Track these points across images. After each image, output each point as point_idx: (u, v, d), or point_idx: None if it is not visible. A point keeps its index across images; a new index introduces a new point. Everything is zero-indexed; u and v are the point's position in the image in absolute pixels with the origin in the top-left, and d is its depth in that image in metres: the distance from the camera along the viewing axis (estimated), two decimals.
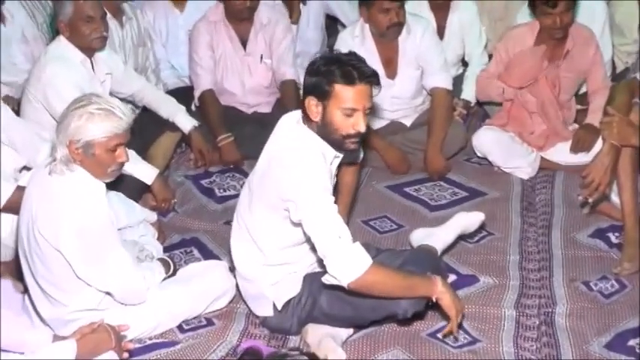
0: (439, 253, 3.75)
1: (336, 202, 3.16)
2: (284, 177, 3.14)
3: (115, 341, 2.98)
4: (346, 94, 3.11)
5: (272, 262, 3.36)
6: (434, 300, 3.21)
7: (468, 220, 3.93)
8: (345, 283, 3.04)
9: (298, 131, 3.23)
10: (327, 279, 3.10)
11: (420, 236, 3.85)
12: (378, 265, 3.12)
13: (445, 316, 3.31)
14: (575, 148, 4.81)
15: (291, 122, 3.30)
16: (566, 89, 4.85)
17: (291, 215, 3.14)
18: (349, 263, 3.03)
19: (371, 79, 3.14)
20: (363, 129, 3.17)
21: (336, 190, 3.35)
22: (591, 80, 4.89)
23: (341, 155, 3.32)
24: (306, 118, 3.20)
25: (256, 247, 3.36)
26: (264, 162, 3.30)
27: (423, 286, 3.21)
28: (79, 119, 3.07)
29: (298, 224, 3.15)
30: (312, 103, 3.14)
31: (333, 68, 3.11)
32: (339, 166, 3.43)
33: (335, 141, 3.20)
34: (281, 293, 3.39)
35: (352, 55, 3.22)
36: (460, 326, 3.37)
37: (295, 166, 3.13)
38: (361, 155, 3.70)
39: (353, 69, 3.11)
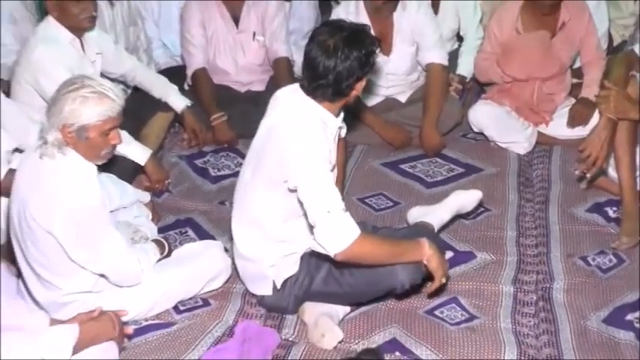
0: (435, 231, 3.76)
1: None
2: (284, 146, 3.17)
3: (118, 331, 3.00)
4: None
5: (274, 237, 3.37)
6: (424, 261, 3.25)
7: (465, 198, 3.95)
8: (332, 253, 3.07)
9: (300, 102, 3.24)
10: (314, 246, 3.13)
11: (417, 214, 3.87)
12: (365, 235, 3.14)
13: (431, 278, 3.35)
14: (572, 123, 4.82)
15: (289, 94, 3.31)
16: (562, 62, 4.86)
17: (289, 183, 3.17)
18: (337, 233, 3.06)
19: None
20: None
21: None
22: (585, 50, 4.89)
23: (343, 125, 3.37)
24: (337, 97, 3.22)
25: (258, 224, 3.37)
26: (264, 133, 3.31)
27: (412, 251, 3.25)
28: (73, 103, 3.06)
29: (294, 191, 3.17)
30: (363, 80, 3.23)
31: (373, 42, 3.20)
32: None
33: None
34: (280, 272, 3.41)
35: (352, 22, 3.27)
36: (444, 288, 3.48)
37: (296, 135, 3.16)
38: (345, 130, 3.70)
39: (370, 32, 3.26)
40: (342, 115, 3.35)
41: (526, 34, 4.77)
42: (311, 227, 3.15)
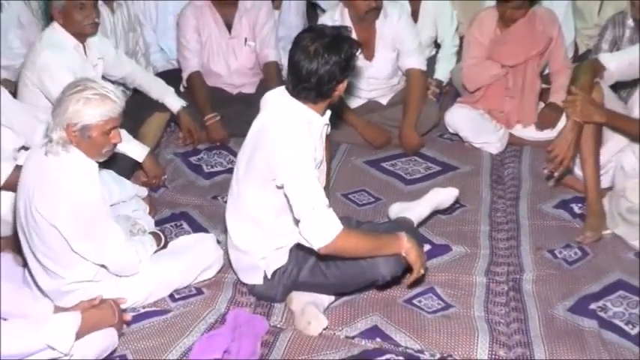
0: (415, 225, 3.77)
1: None
2: (273, 148, 3.16)
3: (117, 318, 3.00)
4: None
5: (267, 232, 3.36)
6: (403, 253, 3.25)
7: (442, 195, 3.95)
8: (316, 247, 3.08)
9: (286, 104, 3.24)
10: (300, 240, 3.14)
11: (398, 209, 3.87)
12: (347, 230, 3.14)
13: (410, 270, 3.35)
14: (541, 126, 4.84)
15: (277, 96, 3.30)
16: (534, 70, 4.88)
17: (277, 181, 3.17)
18: (321, 229, 3.06)
19: None
20: None
21: None
22: (553, 60, 4.90)
23: (328, 122, 3.35)
24: (319, 99, 3.22)
25: (252, 219, 3.36)
26: (255, 134, 3.30)
27: (391, 244, 3.25)
28: (77, 104, 3.05)
29: (282, 187, 3.17)
30: (344, 82, 3.22)
31: (353, 46, 3.18)
32: None
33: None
34: (270, 263, 3.41)
35: (333, 27, 3.25)
36: (423, 279, 3.48)
37: (283, 138, 3.15)
38: (329, 128, 3.69)
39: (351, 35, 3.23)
40: (328, 113, 3.34)
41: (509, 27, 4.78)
42: (297, 222, 3.15)
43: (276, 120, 3.22)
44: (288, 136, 3.15)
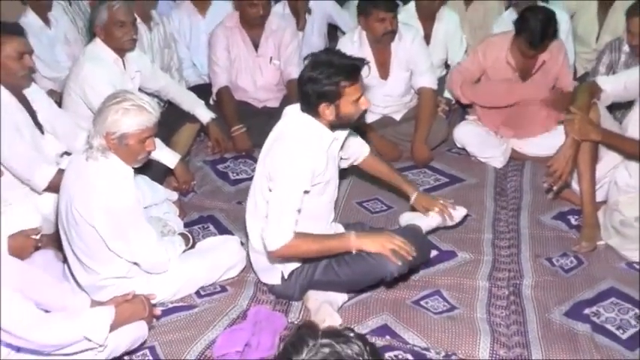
0: (424, 233, 3.74)
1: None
2: (277, 153, 3.18)
3: (148, 312, 3.01)
4: (353, 89, 3.15)
5: None
6: (353, 252, 3.25)
7: (452, 213, 3.87)
8: (268, 250, 3.17)
9: (301, 118, 3.23)
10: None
11: (408, 218, 3.84)
12: (297, 237, 3.15)
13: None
14: None
15: (294, 111, 3.30)
16: (541, 93, 4.86)
17: (270, 183, 3.21)
18: (274, 235, 3.13)
19: (361, 69, 3.19)
20: (368, 104, 3.25)
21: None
22: (559, 83, 4.86)
23: (340, 138, 3.33)
24: (318, 117, 3.20)
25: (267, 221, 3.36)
26: (271, 141, 3.31)
27: (338, 245, 3.27)
28: (116, 114, 3.06)
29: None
30: (327, 107, 3.16)
31: (337, 75, 3.11)
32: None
33: (351, 122, 3.29)
34: (287, 264, 3.40)
35: (336, 52, 3.24)
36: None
37: (288, 146, 3.16)
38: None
39: (351, 68, 3.14)
40: (343, 131, 3.33)
41: (493, 83, 4.79)
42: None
43: (289, 130, 3.23)
44: (293, 147, 3.15)
